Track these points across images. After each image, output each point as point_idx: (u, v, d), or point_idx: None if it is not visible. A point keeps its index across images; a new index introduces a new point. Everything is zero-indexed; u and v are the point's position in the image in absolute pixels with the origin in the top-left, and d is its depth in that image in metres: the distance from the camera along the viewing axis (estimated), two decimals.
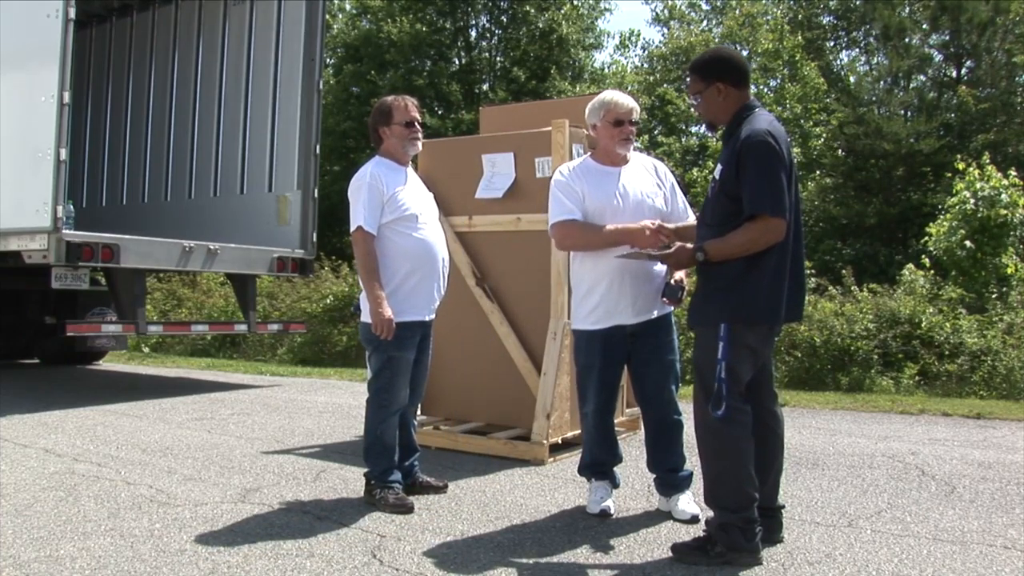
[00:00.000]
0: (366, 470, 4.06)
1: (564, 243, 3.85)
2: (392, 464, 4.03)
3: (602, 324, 3.70)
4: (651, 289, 3.71)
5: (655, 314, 3.73)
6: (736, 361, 3.11)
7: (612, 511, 3.85)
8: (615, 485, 3.98)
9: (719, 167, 3.22)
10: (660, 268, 3.71)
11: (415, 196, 4.07)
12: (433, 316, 4.12)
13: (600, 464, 3.91)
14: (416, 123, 4.07)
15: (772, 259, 3.10)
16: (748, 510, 3.13)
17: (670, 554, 3.26)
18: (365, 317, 3.93)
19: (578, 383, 3.91)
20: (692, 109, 3.67)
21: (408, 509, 3.87)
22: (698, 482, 3.80)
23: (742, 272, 3.10)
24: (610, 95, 3.78)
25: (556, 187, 3.76)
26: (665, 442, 3.81)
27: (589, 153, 3.93)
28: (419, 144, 4.12)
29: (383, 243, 3.92)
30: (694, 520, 3.68)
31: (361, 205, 3.88)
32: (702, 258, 3.15)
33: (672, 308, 3.82)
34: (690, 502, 3.78)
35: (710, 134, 19.96)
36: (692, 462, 3.95)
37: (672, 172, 4.05)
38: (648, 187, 3.77)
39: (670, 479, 3.83)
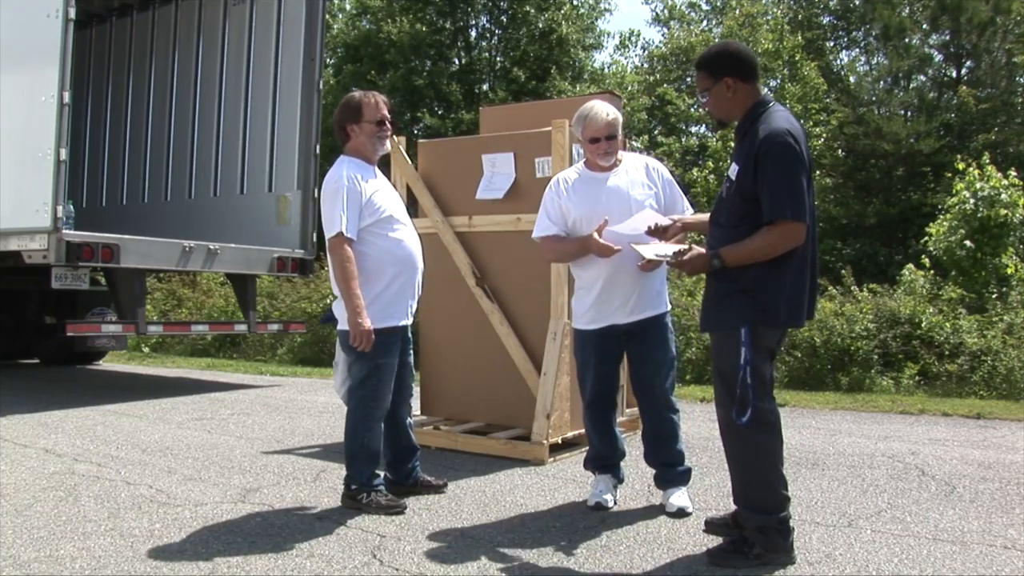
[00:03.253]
0: (347, 476, 3.97)
1: (543, 256, 4.18)
2: (376, 468, 3.97)
3: (596, 324, 3.82)
4: (644, 289, 3.77)
5: (649, 314, 3.79)
6: (760, 362, 3.07)
7: (610, 505, 3.89)
8: (619, 480, 4.04)
9: (734, 166, 3.14)
10: (656, 271, 3.77)
11: (389, 197, 3.98)
12: (411, 320, 4.04)
13: (601, 458, 3.99)
14: (387, 121, 3.94)
15: (794, 260, 3.04)
16: (783, 510, 3.13)
17: (669, 553, 3.27)
18: (343, 325, 3.87)
19: (578, 379, 4.05)
20: (703, 106, 3.60)
21: (402, 509, 3.85)
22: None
23: (763, 274, 3.03)
24: (587, 110, 3.79)
25: (543, 201, 3.94)
26: (660, 439, 3.88)
27: (584, 159, 3.95)
28: (388, 144, 4.01)
29: (364, 248, 3.80)
30: (680, 514, 3.74)
31: (340, 209, 3.72)
32: (719, 265, 3.07)
33: (667, 308, 3.90)
34: (682, 496, 3.83)
35: (711, 134, 19.97)
36: (692, 460, 3.97)
37: (669, 169, 4.08)
38: (636, 188, 3.81)
39: (666, 474, 3.90)
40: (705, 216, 3.77)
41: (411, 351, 4.19)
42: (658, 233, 3.55)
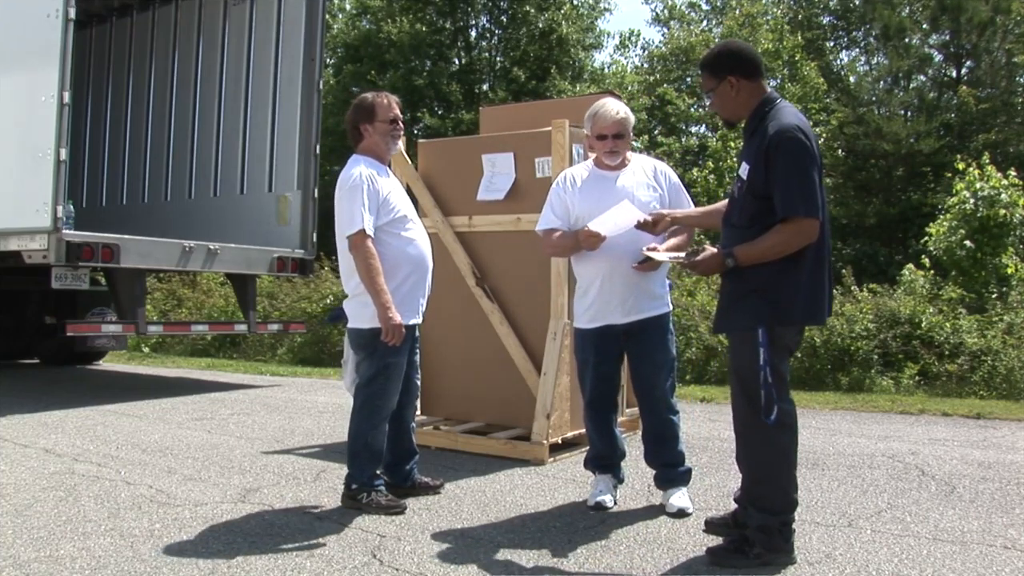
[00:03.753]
0: (348, 475, 3.97)
1: (543, 250, 4.20)
2: (378, 468, 3.97)
3: (594, 323, 3.83)
4: (643, 290, 3.78)
5: (647, 314, 3.79)
6: (778, 361, 3.06)
7: (609, 505, 3.89)
8: (619, 480, 4.04)
9: (744, 165, 3.12)
10: (654, 272, 3.78)
11: (401, 196, 4.03)
12: (421, 318, 4.07)
13: (601, 457, 4.00)
14: (399, 121, 4.00)
15: (808, 257, 3.01)
16: (789, 512, 3.11)
17: (669, 553, 3.27)
18: (354, 323, 3.89)
19: (578, 378, 4.07)
20: (709, 108, 3.63)
21: (402, 509, 3.85)
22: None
23: (776, 272, 3.00)
24: (598, 107, 3.82)
25: (549, 194, 3.97)
26: (660, 439, 3.89)
27: (593, 156, 3.95)
28: (400, 143, 4.07)
29: (379, 247, 3.82)
30: (680, 514, 3.75)
31: (359, 207, 3.77)
32: (732, 264, 3.05)
33: (668, 309, 3.90)
34: (682, 497, 3.84)
35: (711, 134, 19.98)
36: (692, 460, 3.97)
37: (674, 171, 4.09)
38: (641, 190, 3.81)
39: (666, 474, 3.91)
40: (692, 210, 3.79)
41: (418, 350, 4.20)
42: (646, 229, 3.54)
